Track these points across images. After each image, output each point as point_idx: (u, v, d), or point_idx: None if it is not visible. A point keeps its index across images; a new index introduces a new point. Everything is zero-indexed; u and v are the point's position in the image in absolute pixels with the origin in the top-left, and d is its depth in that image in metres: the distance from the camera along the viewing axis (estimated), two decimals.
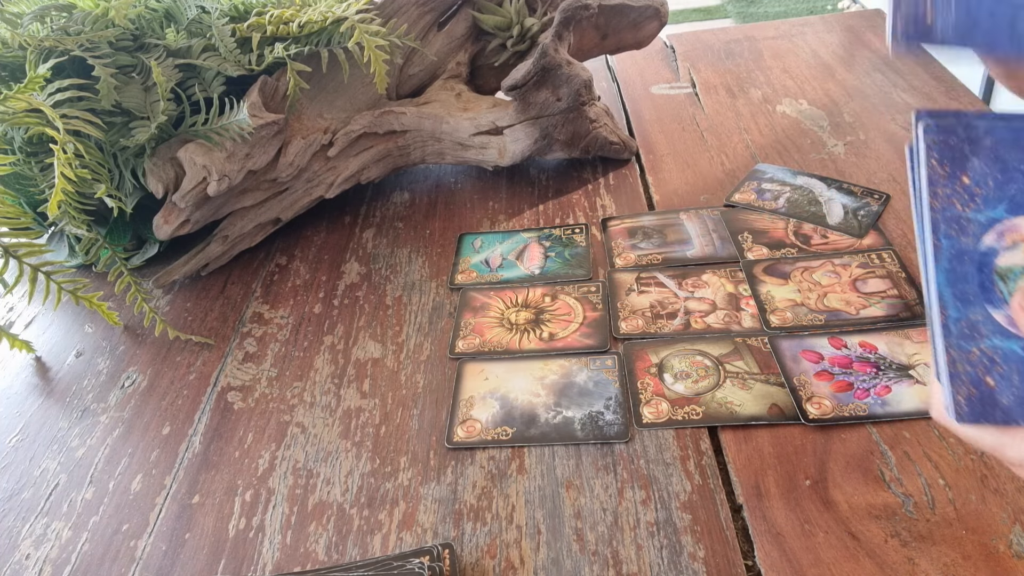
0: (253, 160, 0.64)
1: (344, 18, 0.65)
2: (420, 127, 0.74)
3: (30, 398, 0.60)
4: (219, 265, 0.71)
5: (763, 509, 0.43)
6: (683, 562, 0.41)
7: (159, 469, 0.52)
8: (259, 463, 0.51)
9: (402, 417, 0.53)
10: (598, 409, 0.50)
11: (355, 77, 0.72)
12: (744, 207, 0.69)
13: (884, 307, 0.56)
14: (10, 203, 0.63)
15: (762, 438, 0.47)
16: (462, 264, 0.67)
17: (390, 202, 0.78)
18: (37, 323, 0.68)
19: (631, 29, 0.83)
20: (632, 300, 0.60)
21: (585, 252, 0.66)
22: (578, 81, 0.71)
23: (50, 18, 0.64)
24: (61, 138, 0.57)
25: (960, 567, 0.39)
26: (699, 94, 0.91)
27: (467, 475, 0.48)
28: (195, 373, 0.59)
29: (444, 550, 0.42)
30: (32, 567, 0.46)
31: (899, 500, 0.43)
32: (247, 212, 0.70)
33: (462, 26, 0.78)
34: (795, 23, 1.06)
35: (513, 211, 0.74)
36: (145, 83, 0.63)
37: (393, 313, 0.63)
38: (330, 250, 0.72)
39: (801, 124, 0.81)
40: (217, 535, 0.46)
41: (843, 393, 0.49)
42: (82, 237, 0.61)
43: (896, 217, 0.65)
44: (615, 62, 1.02)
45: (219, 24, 0.64)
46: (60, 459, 0.53)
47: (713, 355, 0.54)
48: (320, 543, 0.45)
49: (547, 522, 0.44)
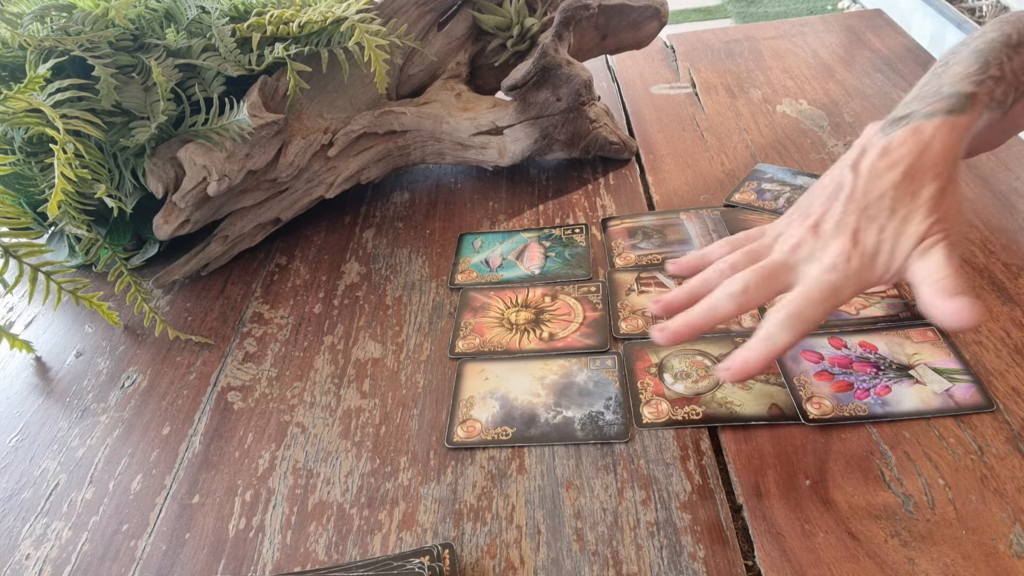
0: (253, 160, 0.64)
1: (344, 18, 0.65)
2: (420, 127, 0.74)
3: (30, 398, 0.60)
4: (219, 265, 0.71)
5: (763, 509, 0.43)
6: (683, 562, 0.41)
7: (159, 469, 0.52)
8: (259, 463, 0.51)
9: (402, 417, 0.53)
10: (598, 409, 0.50)
11: (355, 77, 0.72)
12: (744, 207, 0.69)
13: (884, 307, 0.56)
14: (10, 203, 0.63)
15: (762, 438, 0.47)
16: (462, 264, 0.67)
17: (390, 202, 0.78)
18: (37, 323, 0.68)
19: (631, 29, 0.83)
20: (632, 300, 0.60)
21: (585, 252, 0.66)
22: (578, 81, 0.71)
23: (50, 18, 0.64)
24: (61, 138, 0.57)
25: (960, 567, 0.39)
26: (699, 94, 0.91)
27: (467, 475, 0.48)
28: (195, 373, 0.59)
29: (444, 550, 0.42)
30: (32, 567, 0.46)
31: (899, 500, 0.43)
32: (247, 212, 0.70)
33: (462, 26, 0.78)
34: (795, 23, 1.06)
35: (513, 211, 0.74)
36: (145, 83, 0.63)
37: (393, 313, 0.63)
38: (330, 250, 0.72)
39: (801, 124, 0.81)
40: (217, 535, 0.46)
41: (843, 393, 0.49)
42: (82, 237, 0.61)
43: None
44: (615, 62, 1.02)
45: (219, 24, 0.64)
46: (60, 459, 0.53)
47: (713, 355, 0.54)
48: (320, 543, 0.45)
49: (547, 522, 0.44)
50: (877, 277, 0.44)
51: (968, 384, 0.49)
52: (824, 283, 0.44)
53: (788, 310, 0.43)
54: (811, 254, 0.45)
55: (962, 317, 0.41)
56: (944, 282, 0.42)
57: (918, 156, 0.45)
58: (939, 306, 0.41)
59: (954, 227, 0.44)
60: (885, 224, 0.44)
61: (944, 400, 0.48)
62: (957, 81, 0.48)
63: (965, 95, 0.47)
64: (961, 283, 0.42)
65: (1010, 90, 0.49)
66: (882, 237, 0.44)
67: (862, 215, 0.45)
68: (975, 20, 2.31)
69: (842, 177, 0.47)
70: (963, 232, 0.46)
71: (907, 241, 0.44)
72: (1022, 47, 0.50)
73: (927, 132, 0.46)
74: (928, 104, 0.48)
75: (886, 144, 0.47)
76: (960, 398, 0.48)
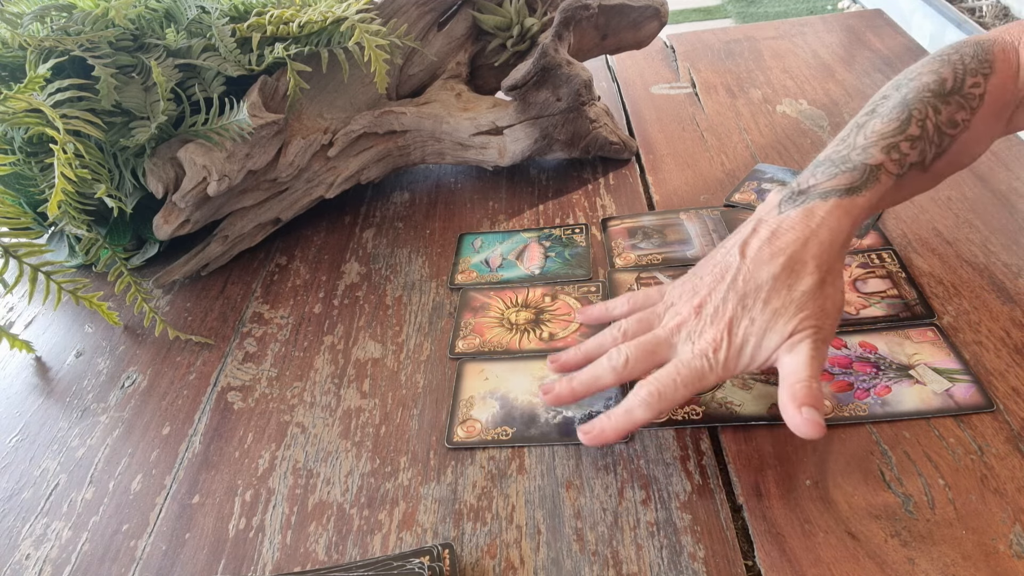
0: (253, 160, 0.64)
1: (344, 18, 0.65)
2: (420, 127, 0.74)
3: (30, 398, 0.60)
4: (219, 265, 0.71)
5: (763, 509, 0.43)
6: (683, 562, 0.41)
7: (159, 469, 0.52)
8: (259, 463, 0.51)
9: (402, 417, 0.53)
10: (598, 409, 0.50)
11: (355, 77, 0.72)
12: (744, 207, 0.69)
13: (884, 307, 0.56)
14: (10, 203, 0.63)
15: (762, 438, 0.47)
16: (462, 264, 0.67)
17: (390, 202, 0.78)
18: (37, 323, 0.68)
19: (631, 29, 0.83)
20: None
21: (585, 252, 0.66)
22: (578, 81, 0.71)
23: (50, 18, 0.64)
24: (61, 138, 0.57)
25: (960, 567, 0.39)
26: (699, 94, 0.91)
27: (467, 475, 0.48)
28: (195, 373, 0.59)
29: (444, 550, 0.42)
30: (32, 567, 0.46)
31: (899, 500, 0.43)
32: (247, 212, 0.70)
33: (462, 26, 0.78)
34: (795, 23, 1.06)
35: (513, 211, 0.74)
36: (145, 83, 0.63)
37: (393, 313, 0.63)
38: (330, 250, 0.72)
39: (801, 124, 0.81)
40: (217, 535, 0.46)
41: (843, 393, 0.49)
42: (82, 237, 0.61)
43: (896, 217, 0.65)
44: (615, 62, 1.02)
45: (219, 24, 0.64)
46: (60, 459, 0.53)
47: None
48: (320, 543, 0.45)
49: (547, 522, 0.44)
50: (743, 367, 0.46)
51: (968, 384, 0.49)
52: (692, 368, 0.45)
53: (651, 388, 0.45)
54: (689, 335, 0.47)
55: (803, 430, 0.42)
56: (797, 387, 0.43)
57: (802, 245, 0.46)
58: (788, 411, 0.43)
59: (826, 322, 0.45)
60: (756, 317, 0.45)
61: (944, 400, 0.48)
62: (871, 144, 0.48)
63: (871, 167, 0.47)
64: (815, 390, 0.43)
65: (929, 148, 0.49)
66: (752, 330, 0.45)
67: (739, 304, 0.46)
68: (975, 20, 2.31)
69: (731, 258, 0.48)
70: (835, 325, 0.46)
71: (774, 337, 0.45)
72: (953, 97, 0.50)
73: (817, 217, 0.46)
74: (831, 177, 0.48)
75: (776, 226, 0.47)
76: (960, 398, 0.48)
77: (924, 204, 0.66)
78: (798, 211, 0.47)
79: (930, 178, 0.52)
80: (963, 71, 0.50)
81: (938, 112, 0.49)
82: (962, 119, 0.50)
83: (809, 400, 0.42)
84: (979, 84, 0.50)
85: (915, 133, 0.48)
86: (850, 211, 0.47)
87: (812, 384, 0.43)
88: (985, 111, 0.50)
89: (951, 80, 0.50)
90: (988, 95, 0.50)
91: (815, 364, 0.44)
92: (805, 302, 0.45)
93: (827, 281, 0.46)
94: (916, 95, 0.50)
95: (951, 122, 0.49)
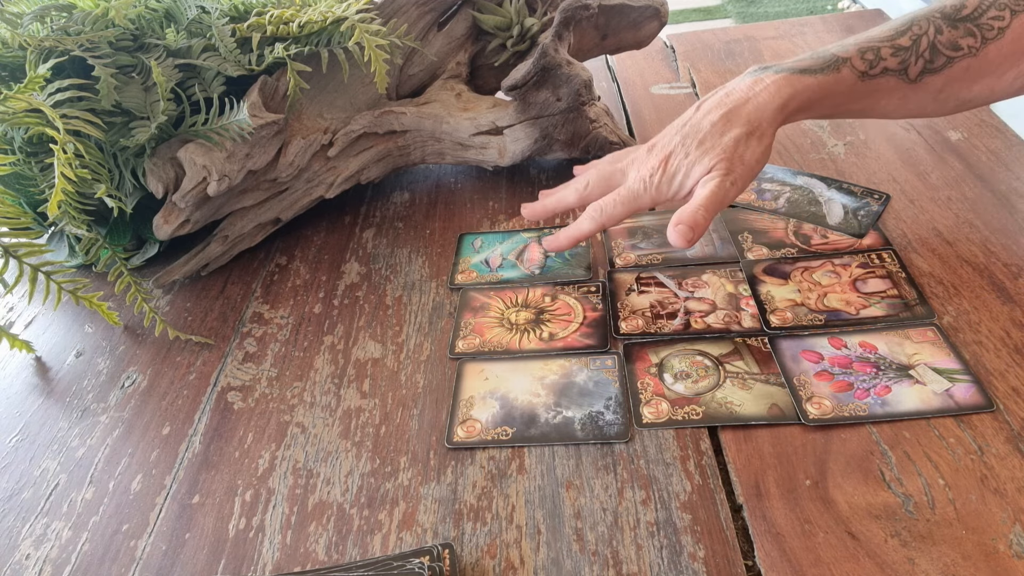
0: (253, 160, 0.64)
1: (344, 18, 0.65)
2: (420, 127, 0.74)
3: (30, 398, 0.60)
4: (219, 265, 0.71)
5: (763, 509, 0.43)
6: (683, 562, 0.41)
7: (159, 469, 0.52)
8: (259, 463, 0.51)
9: (402, 417, 0.53)
10: (598, 409, 0.50)
11: (355, 77, 0.72)
12: (744, 207, 0.69)
13: (884, 307, 0.56)
14: (10, 203, 0.63)
15: (762, 438, 0.47)
16: (462, 264, 0.67)
17: (390, 202, 0.78)
18: (37, 323, 0.68)
19: (631, 29, 0.83)
20: (632, 300, 0.60)
21: (585, 252, 0.66)
22: (578, 81, 0.71)
23: (50, 18, 0.64)
24: (61, 138, 0.57)
25: (960, 567, 0.39)
26: (699, 94, 0.91)
27: (467, 475, 0.48)
28: (195, 373, 0.59)
29: (444, 550, 0.42)
30: (32, 567, 0.46)
31: (899, 500, 0.43)
32: (247, 212, 0.70)
33: (462, 26, 0.78)
34: (795, 23, 1.06)
35: (513, 211, 0.74)
36: (145, 83, 0.63)
37: (393, 313, 0.63)
38: (330, 250, 0.72)
39: (801, 124, 0.81)
40: (217, 535, 0.46)
41: (843, 393, 0.49)
42: (82, 237, 0.61)
43: (896, 217, 0.65)
44: (615, 62, 1.02)
45: (219, 24, 0.64)
46: (60, 459, 0.53)
47: (713, 355, 0.54)
48: (320, 543, 0.45)
49: (547, 522, 0.44)
50: (672, 193, 0.55)
51: (968, 384, 0.49)
52: (630, 190, 0.55)
53: (595, 205, 0.56)
54: (637, 167, 0.56)
55: (672, 239, 0.51)
56: (686, 210, 0.51)
57: (742, 104, 0.54)
58: (669, 227, 0.51)
59: (739, 168, 0.52)
60: (691, 152, 0.53)
61: (944, 400, 0.48)
62: (852, 43, 0.54)
63: (837, 57, 0.53)
64: (701, 215, 0.51)
65: (915, 60, 0.52)
66: (684, 163, 0.53)
67: (680, 143, 0.54)
68: None
69: (689, 111, 0.56)
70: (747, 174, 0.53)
71: (698, 169, 0.53)
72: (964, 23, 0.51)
73: (762, 84, 0.54)
74: (801, 60, 0.55)
75: (730, 89, 0.56)
76: (960, 398, 0.48)
77: (924, 204, 0.66)
78: (751, 79, 0.55)
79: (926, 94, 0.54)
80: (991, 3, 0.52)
81: (939, 32, 0.52)
82: (967, 44, 0.52)
83: (687, 220, 0.50)
84: (1002, 17, 0.52)
85: (903, 44, 0.52)
86: (793, 84, 0.53)
87: (699, 211, 0.51)
88: (1005, 45, 0.52)
89: (971, 7, 0.52)
90: (1011, 31, 0.52)
91: (714, 198, 0.51)
92: (728, 147, 0.52)
93: (753, 136, 0.53)
94: (926, 13, 0.52)
95: (952, 44, 0.52)
